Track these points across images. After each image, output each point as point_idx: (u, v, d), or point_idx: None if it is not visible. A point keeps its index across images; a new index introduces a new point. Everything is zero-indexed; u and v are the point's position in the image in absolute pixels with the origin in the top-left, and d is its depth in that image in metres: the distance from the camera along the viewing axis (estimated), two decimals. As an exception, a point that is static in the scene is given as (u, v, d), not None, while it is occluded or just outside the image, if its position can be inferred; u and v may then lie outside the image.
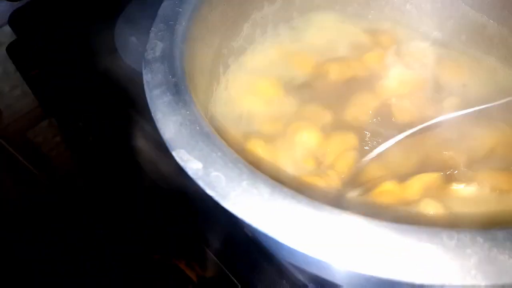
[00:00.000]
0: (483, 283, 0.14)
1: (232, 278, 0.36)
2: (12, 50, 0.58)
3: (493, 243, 0.15)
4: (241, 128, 0.29)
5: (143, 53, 0.26)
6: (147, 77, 0.24)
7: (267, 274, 0.32)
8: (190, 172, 0.19)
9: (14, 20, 0.56)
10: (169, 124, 0.21)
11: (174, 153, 0.20)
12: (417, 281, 0.15)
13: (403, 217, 0.24)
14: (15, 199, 0.75)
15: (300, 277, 0.30)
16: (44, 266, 0.83)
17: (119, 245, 0.78)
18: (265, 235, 0.17)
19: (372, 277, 0.18)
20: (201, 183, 0.18)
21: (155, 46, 0.25)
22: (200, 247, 0.45)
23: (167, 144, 0.20)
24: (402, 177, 0.27)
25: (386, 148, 0.28)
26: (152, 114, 0.22)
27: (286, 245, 0.20)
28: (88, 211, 0.92)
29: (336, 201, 0.26)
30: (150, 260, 0.77)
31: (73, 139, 0.70)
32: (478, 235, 0.15)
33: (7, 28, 0.58)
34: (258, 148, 0.27)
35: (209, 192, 0.18)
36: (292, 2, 0.36)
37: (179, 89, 0.23)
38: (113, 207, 0.92)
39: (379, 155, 0.28)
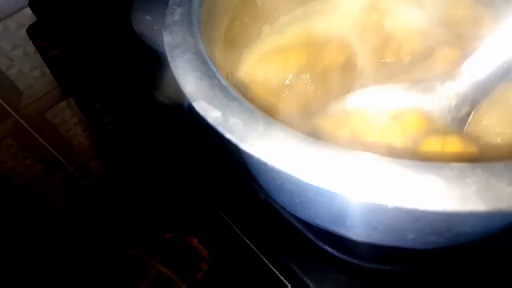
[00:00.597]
0: (482, 208, 0.16)
1: (251, 245, 0.37)
2: (32, 31, 0.60)
3: (492, 174, 0.16)
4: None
5: (159, 30, 0.27)
6: (167, 39, 0.25)
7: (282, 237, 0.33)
8: (211, 120, 0.20)
9: (34, 2, 0.58)
10: (189, 79, 0.22)
11: (195, 104, 0.21)
12: (421, 207, 0.16)
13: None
14: (17, 199, 0.77)
15: (311, 236, 0.31)
16: (46, 265, 0.85)
17: (121, 245, 0.80)
18: (275, 176, 0.18)
19: (381, 213, 0.20)
20: (220, 129, 0.20)
21: (174, 11, 0.27)
22: (214, 223, 0.46)
23: (188, 97, 0.22)
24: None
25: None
26: (173, 71, 0.23)
27: (296, 188, 0.21)
28: (93, 210, 0.95)
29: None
30: (161, 240, 0.79)
31: (90, 119, 0.72)
32: (477, 167, 0.16)
33: (28, 10, 0.59)
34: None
35: (228, 136, 0.19)
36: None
37: (197, 48, 0.24)
38: (119, 201, 0.94)
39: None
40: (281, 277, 0.32)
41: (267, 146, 0.19)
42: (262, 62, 0.32)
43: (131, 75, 0.50)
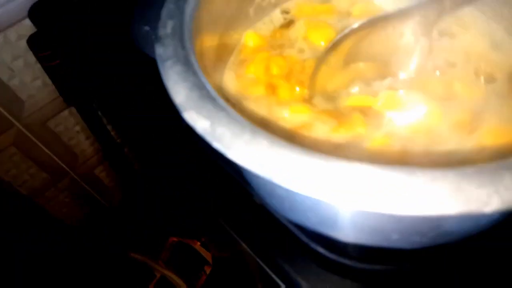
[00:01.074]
0: (453, 211, 0.17)
1: (246, 247, 0.38)
2: (32, 42, 0.61)
3: (462, 177, 0.17)
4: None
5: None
6: (159, 51, 0.26)
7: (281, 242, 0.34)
8: (199, 130, 0.21)
9: (33, 13, 0.59)
10: (179, 90, 0.23)
11: (185, 114, 0.22)
12: (396, 212, 0.17)
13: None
14: (18, 198, 0.78)
15: (304, 237, 0.32)
16: (48, 264, 0.86)
17: (126, 249, 0.81)
18: (264, 182, 0.19)
19: (363, 217, 0.21)
20: (208, 138, 0.21)
21: (166, 24, 0.28)
22: (215, 226, 0.47)
23: (179, 107, 0.23)
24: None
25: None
26: (164, 82, 0.24)
27: (285, 193, 0.22)
28: (98, 215, 0.96)
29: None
30: (165, 244, 0.80)
31: (93, 127, 0.73)
32: (448, 171, 0.17)
33: (27, 21, 0.61)
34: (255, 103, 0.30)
35: (215, 144, 0.20)
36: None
37: (188, 60, 0.25)
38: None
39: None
40: (275, 278, 0.32)
41: (252, 154, 0.20)
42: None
43: (131, 74, 0.51)
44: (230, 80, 0.33)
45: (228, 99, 0.29)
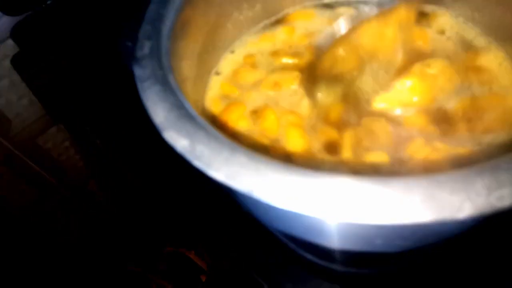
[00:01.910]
0: (427, 219, 0.17)
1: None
2: (16, 61, 0.61)
3: (435, 184, 0.17)
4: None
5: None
6: (137, 72, 0.26)
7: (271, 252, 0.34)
8: (179, 148, 0.22)
9: (16, 33, 0.59)
10: (158, 110, 0.24)
11: (164, 134, 0.23)
12: (374, 222, 0.18)
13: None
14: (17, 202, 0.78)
15: (291, 244, 0.32)
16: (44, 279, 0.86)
17: (121, 261, 0.81)
18: (248, 199, 0.20)
19: (343, 226, 0.21)
20: (188, 156, 0.21)
21: (143, 45, 0.28)
22: (209, 236, 0.47)
23: (158, 127, 0.23)
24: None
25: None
26: (144, 103, 0.25)
27: (266, 206, 0.23)
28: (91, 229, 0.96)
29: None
30: (160, 254, 0.80)
31: (82, 143, 0.73)
32: (422, 179, 0.18)
33: (10, 42, 0.61)
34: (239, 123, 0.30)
35: (195, 163, 0.21)
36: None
37: (166, 80, 0.25)
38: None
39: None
40: (265, 285, 0.33)
41: (231, 171, 0.20)
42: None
43: (116, 88, 0.52)
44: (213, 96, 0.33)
45: (210, 116, 0.30)
